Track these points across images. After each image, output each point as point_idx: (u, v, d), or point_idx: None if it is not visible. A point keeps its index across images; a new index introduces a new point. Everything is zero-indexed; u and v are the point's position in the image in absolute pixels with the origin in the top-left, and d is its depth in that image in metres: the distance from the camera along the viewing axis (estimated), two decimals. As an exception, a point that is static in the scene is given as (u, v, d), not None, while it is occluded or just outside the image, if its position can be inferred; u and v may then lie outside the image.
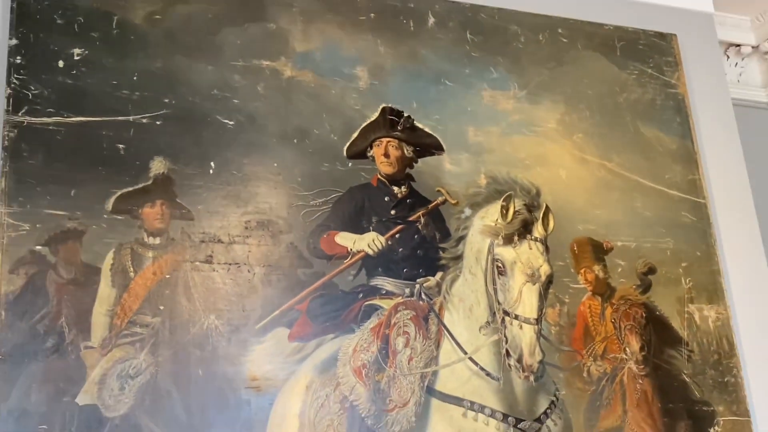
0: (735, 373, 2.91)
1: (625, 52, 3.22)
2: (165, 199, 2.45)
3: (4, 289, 2.20)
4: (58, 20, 2.50)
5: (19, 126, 2.35)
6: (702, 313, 2.95)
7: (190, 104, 2.56)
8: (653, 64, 3.26)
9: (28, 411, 2.13)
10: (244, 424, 2.31)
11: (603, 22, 3.23)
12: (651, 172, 3.08)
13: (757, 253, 3.16)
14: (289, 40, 2.75)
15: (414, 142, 2.78)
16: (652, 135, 3.14)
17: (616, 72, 3.18)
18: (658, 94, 3.22)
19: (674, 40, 3.33)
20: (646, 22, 3.33)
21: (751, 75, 3.79)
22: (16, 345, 2.17)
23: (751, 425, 2.86)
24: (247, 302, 2.43)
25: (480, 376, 2.56)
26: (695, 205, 3.09)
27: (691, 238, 3.04)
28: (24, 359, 2.17)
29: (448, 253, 2.68)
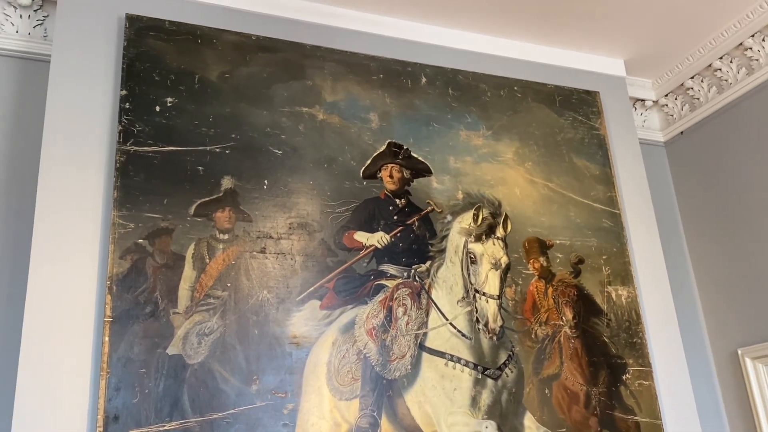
0: (641, 335, 2.89)
1: (562, 104, 3.20)
2: (232, 207, 2.43)
3: (115, 270, 2.19)
4: (156, 77, 2.49)
5: (127, 153, 2.34)
6: (617, 292, 2.93)
7: (250, 138, 2.55)
8: (582, 113, 3.24)
9: (131, 359, 2.12)
10: (287, 369, 2.29)
11: (546, 82, 3.21)
12: (581, 190, 3.05)
13: (656, 250, 3.14)
14: (321, 93, 2.74)
15: (411, 167, 2.76)
16: (581, 164, 3.12)
17: (555, 118, 3.16)
18: (586, 135, 3.20)
19: (597, 96, 3.31)
20: (577, 83, 3.31)
21: (652, 121, 3.76)
22: (123, 311, 2.16)
23: (652, 373, 2.84)
24: (290, 281, 2.41)
25: (457, 337, 2.54)
26: (612, 215, 3.07)
27: (610, 238, 3.01)
28: (129, 321, 2.15)
29: (435, 247, 2.66)
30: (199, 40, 2.60)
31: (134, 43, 2.49)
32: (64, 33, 2.45)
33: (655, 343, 2.91)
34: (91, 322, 2.14)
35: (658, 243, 3.15)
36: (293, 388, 2.27)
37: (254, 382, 2.23)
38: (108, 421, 2.03)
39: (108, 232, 2.23)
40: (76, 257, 2.20)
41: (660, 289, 3.05)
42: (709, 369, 3.28)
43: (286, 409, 2.24)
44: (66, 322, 2.12)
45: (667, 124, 3.74)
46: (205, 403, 2.15)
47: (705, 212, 3.44)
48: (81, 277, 2.18)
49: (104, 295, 2.15)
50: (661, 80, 3.64)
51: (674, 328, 3.00)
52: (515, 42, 3.24)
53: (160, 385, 2.11)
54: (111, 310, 2.13)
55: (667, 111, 3.71)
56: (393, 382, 2.40)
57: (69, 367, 2.09)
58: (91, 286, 2.18)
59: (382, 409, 2.36)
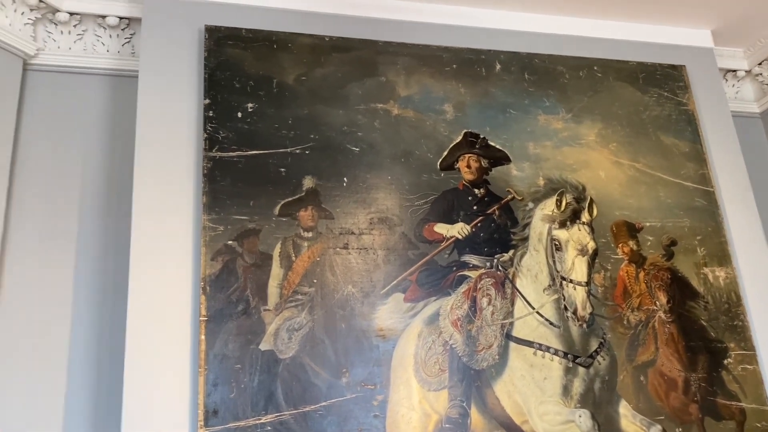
0: (742, 318, 2.75)
1: (646, 81, 3.09)
2: (314, 205, 2.50)
3: (208, 271, 2.30)
4: (236, 84, 2.59)
5: (213, 159, 2.45)
6: (714, 273, 2.80)
7: (328, 138, 2.60)
8: (668, 88, 3.11)
9: (227, 355, 2.22)
10: (375, 361, 2.34)
11: (628, 60, 3.11)
12: (670, 169, 2.94)
13: (755, 227, 2.98)
14: (395, 88, 2.76)
15: (488, 156, 2.74)
16: (669, 142, 3.00)
17: (640, 96, 3.05)
18: (673, 111, 3.07)
19: (684, 70, 3.17)
20: (661, 57, 3.18)
21: (746, 92, 3.56)
22: (217, 310, 2.27)
23: (756, 356, 2.70)
24: (373, 275, 2.46)
25: (545, 325, 2.51)
26: (705, 193, 2.93)
27: (703, 218, 2.88)
28: (223, 319, 2.26)
29: (517, 235, 2.64)
30: (275, 46, 2.68)
31: (214, 53, 2.60)
32: (149, 48, 2.59)
33: (758, 326, 2.76)
34: (188, 322, 2.26)
35: (758, 219, 2.99)
36: (382, 380, 2.32)
37: (344, 375, 2.29)
38: (208, 416, 2.14)
39: (199, 235, 2.35)
40: (172, 260, 2.33)
41: (761, 268, 2.89)
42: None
43: (375, 400, 2.29)
44: (165, 322, 2.25)
45: (762, 94, 3.53)
46: (299, 396, 2.22)
47: (810, 185, 3.22)
48: (177, 278, 2.30)
49: (199, 296, 2.27)
50: (753, 48, 3.44)
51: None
52: (593, 20, 3.15)
53: (254, 379, 2.21)
54: (206, 310, 2.25)
55: (762, 80, 3.50)
56: (481, 372, 2.40)
57: (170, 364, 2.21)
58: (186, 287, 2.30)
59: (471, 400, 2.36)
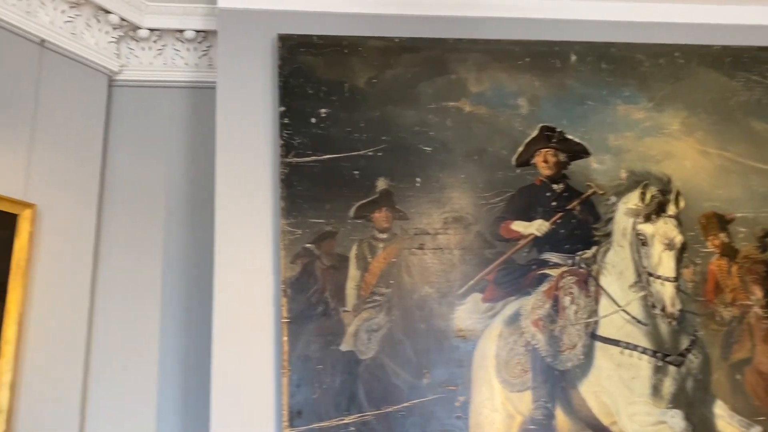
0: None
1: (732, 65, 2.92)
2: (388, 207, 2.51)
3: (288, 274, 2.35)
4: (309, 91, 2.63)
5: (290, 165, 2.50)
6: (815, 265, 2.63)
7: (400, 139, 2.61)
8: (757, 71, 2.93)
9: (309, 356, 2.26)
10: (456, 362, 2.32)
11: (711, 44, 2.95)
12: (762, 157, 2.76)
13: None
14: (467, 85, 2.73)
15: (566, 150, 2.67)
16: (761, 127, 2.83)
17: (726, 81, 2.89)
18: (764, 95, 2.89)
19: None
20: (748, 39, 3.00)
21: None
22: (298, 312, 2.31)
23: None
24: (450, 276, 2.44)
25: (632, 323, 2.42)
26: (803, 180, 2.76)
27: (802, 207, 2.71)
28: (304, 321, 2.30)
29: (599, 231, 2.55)
30: (345, 50, 2.71)
31: (287, 60, 2.66)
32: (225, 60, 2.67)
33: None
34: (270, 324, 2.32)
35: None
36: (463, 381, 2.29)
37: (425, 376, 2.28)
38: (292, 416, 2.18)
39: (279, 239, 2.40)
40: (253, 264, 2.39)
41: None
42: None
43: (458, 401, 2.27)
44: (249, 325, 2.32)
45: None
46: (380, 396, 2.23)
47: None
48: (259, 282, 2.37)
49: (280, 298, 2.32)
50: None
51: None
52: (671, 5, 3.01)
53: (336, 380, 2.24)
54: (287, 312, 2.29)
55: None
56: (565, 372, 2.34)
57: (255, 365, 2.28)
58: (268, 290, 2.36)
59: (556, 401, 2.30)
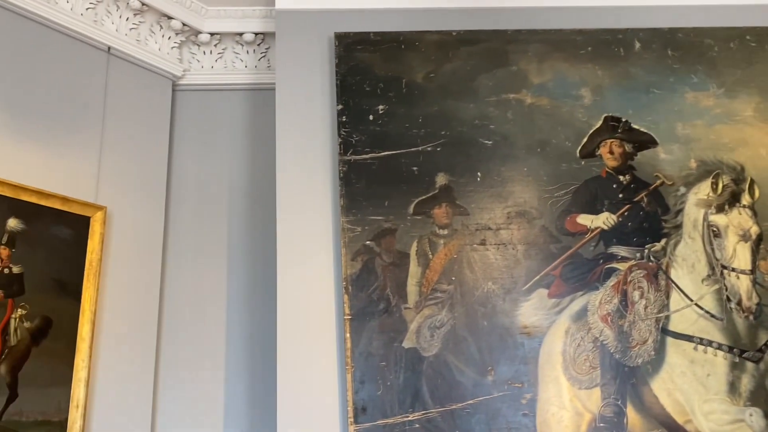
0: None
1: (810, 45, 2.78)
2: (448, 202, 2.48)
3: (349, 271, 2.35)
4: (366, 88, 2.63)
5: (348, 162, 2.50)
6: None
7: (459, 133, 2.58)
8: (839, 51, 2.77)
9: (371, 353, 2.26)
10: (521, 359, 2.28)
11: (787, 24, 2.81)
12: None
13: None
14: (527, 77, 2.68)
15: (632, 140, 2.58)
16: (843, 111, 2.67)
17: (803, 63, 2.75)
18: None
19: None
20: (828, 17, 2.85)
21: None
22: (359, 308, 2.31)
23: None
24: (514, 271, 2.39)
25: (706, 318, 2.32)
26: None
27: None
28: (366, 318, 2.30)
29: (669, 223, 2.46)
30: (402, 46, 2.70)
31: (344, 59, 2.66)
32: (284, 60, 2.70)
33: None
34: (332, 321, 2.33)
35: None
36: (529, 378, 2.25)
37: (489, 373, 2.25)
38: (357, 413, 2.18)
39: (339, 236, 2.41)
40: (315, 261, 2.41)
41: None
42: None
43: (524, 399, 2.22)
44: (312, 322, 2.34)
45: None
46: (444, 393, 2.21)
47: None
48: (320, 279, 2.39)
49: (342, 295, 2.32)
50: None
51: None
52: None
53: (400, 377, 2.23)
54: (349, 308, 2.30)
55: None
56: (636, 369, 2.26)
57: (319, 362, 2.29)
58: (330, 287, 2.37)
59: (626, 398, 2.23)
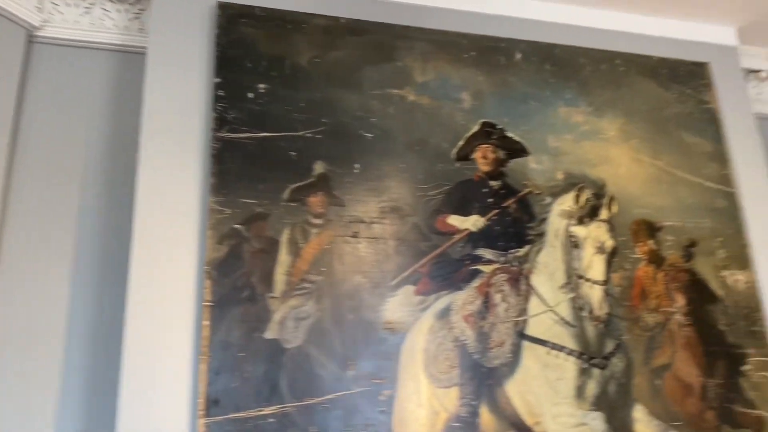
0: (761, 323, 2.67)
1: (668, 77, 3.01)
2: (324, 191, 2.42)
3: (214, 255, 2.22)
4: (248, 64, 2.50)
5: (222, 140, 2.37)
6: (734, 277, 2.71)
7: (341, 123, 2.52)
8: (691, 86, 3.02)
9: (231, 343, 2.14)
10: (383, 355, 2.26)
11: (650, 54, 3.02)
12: (692, 168, 2.85)
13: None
14: (412, 74, 2.67)
15: (506, 147, 2.65)
16: (691, 140, 2.92)
17: (662, 92, 2.97)
18: (695, 109, 2.99)
19: (707, 68, 3.08)
20: (684, 54, 3.10)
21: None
22: (222, 295, 2.18)
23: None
24: (383, 266, 2.38)
25: (560, 324, 2.43)
26: (727, 194, 2.85)
27: (724, 220, 2.80)
28: (228, 305, 2.18)
29: (534, 230, 2.55)
30: (289, 26, 2.60)
31: (226, 30, 2.52)
32: (160, 24, 2.50)
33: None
34: (191, 307, 2.18)
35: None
36: (390, 375, 2.24)
37: (350, 368, 2.21)
38: (209, 405, 2.06)
39: (206, 217, 2.27)
40: (176, 243, 2.24)
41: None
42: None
43: (383, 395, 2.21)
44: (167, 307, 2.17)
45: (785, 96, 3.44)
46: (303, 387, 2.14)
47: (833, 190, 3.13)
48: (181, 262, 2.22)
49: (203, 280, 2.18)
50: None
51: (799, 316, 2.75)
52: (616, 13, 3.06)
53: (259, 369, 2.13)
54: (211, 295, 2.16)
55: (786, 82, 3.41)
56: (493, 370, 2.32)
57: (171, 350, 2.13)
58: (190, 271, 2.21)
59: (482, 398, 2.28)
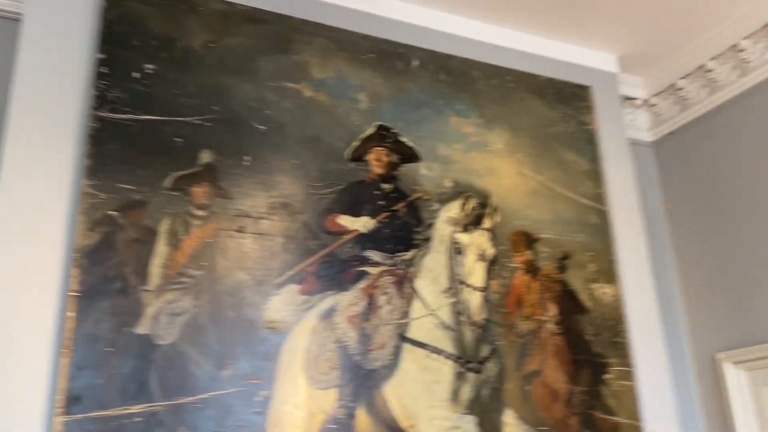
0: (624, 335, 2.85)
1: (554, 97, 3.15)
2: (210, 182, 2.32)
3: (83, 242, 2.06)
4: (136, 42, 2.37)
5: (102, 120, 2.22)
6: (602, 290, 2.88)
7: (233, 112, 2.44)
8: (573, 107, 3.19)
9: (98, 336, 2.00)
10: (263, 355, 2.20)
11: (539, 74, 3.15)
12: (569, 185, 3.00)
13: (641, 249, 3.10)
14: (309, 69, 2.63)
15: (399, 152, 2.67)
16: (571, 158, 3.07)
17: (547, 111, 3.10)
18: (576, 129, 3.15)
19: (589, 91, 3.26)
20: (570, 76, 3.26)
21: (641, 120, 3.72)
22: (91, 285, 2.04)
23: (633, 373, 2.80)
24: (268, 263, 2.32)
25: (440, 328, 2.47)
26: (599, 212, 3.03)
27: (596, 235, 2.97)
28: (97, 296, 2.04)
29: (421, 235, 2.59)
30: (183, 6, 2.48)
31: (115, 4, 2.37)
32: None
33: (637, 343, 2.87)
34: (54, 296, 2.01)
35: (644, 242, 3.12)
36: (268, 375, 2.18)
37: (227, 367, 2.13)
38: (70, 402, 1.91)
39: (77, 201, 2.11)
40: (43, 226, 2.06)
41: (644, 289, 3.01)
42: (688, 372, 3.25)
43: (259, 396, 2.14)
44: (28, 295, 1.99)
45: (655, 124, 3.70)
46: (174, 386, 2.04)
47: (691, 215, 3.41)
48: (46, 247, 2.05)
49: (70, 268, 2.02)
50: (653, 79, 3.61)
51: (656, 329, 2.97)
52: (510, 31, 3.17)
53: (127, 365, 2.00)
54: (79, 284, 2.01)
55: (657, 111, 3.68)
56: (373, 372, 2.32)
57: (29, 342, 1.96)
58: (57, 258, 2.05)
59: (359, 400, 2.27)
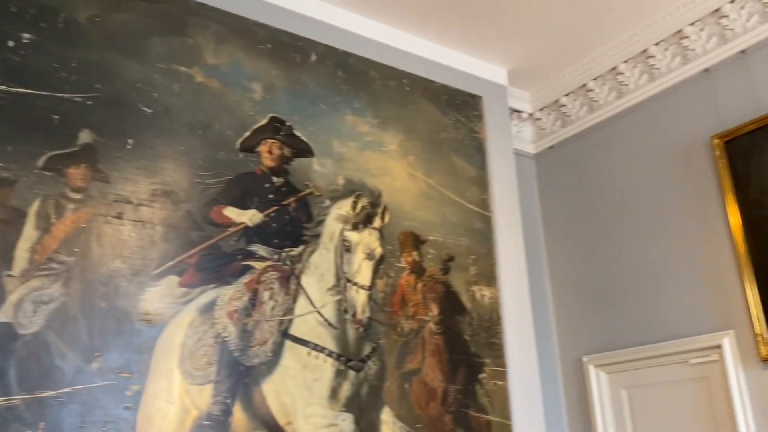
0: (499, 336, 2.97)
1: (447, 103, 3.23)
2: (88, 164, 2.19)
3: (-63, 220, 1.88)
4: (12, 8, 2.19)
5: (-33, 88, 2.03)
6: (481, 292, 2.99)
7: (117, 92, 2.31)
8: (465, 115, 3.28)
9: (-52, 324, 1.83)
10: (135, 347, 2.10)
11: (434, 80, 3.22)
12: (457, 190, 3.09)
13: (519, 255, 3.24)
14: (203, 54, 2.55)
15: (292, 145, 2.64)
16: (460, 164, 3.16)
17: (440, 116, 3.18)
18: (467, 137, 3.25)
19: (480, 101, 3.38)
20: (463, 85, 3.36)
21: (525, 133, 3.90)
22: (-57, 268, 1.86)
23: (506, 373, 2.92)
24: (147, 253, 2.21)
25: (324, 326, 2.46)
26: (484, 217, 3.13)
27: (479, 239, 3.07)
28: (-50, 280, 1.86)
29: (310, 231, 2.57)
30: (68, -26, 2.32)
31: (-12, -37, 2.17)
32: None
33: (511, 345, 3.00)
34: None
35: (522, 248, 3.26)
36: (140, 369, 2.08)
37: (96, 360, 2.01)
38: None
39: (-67, 175, 1.92)
40: None
41: (519, 294, 3.15)
42: (556, 373, 3.44)
43: (130, 390, 2.04)
44: None
45: (538, 137, 3.89)
46: (36, 379, 1.90)
47: (564, 225, 3.61)
48: None
49: None
50: (539, 94, 3.79)
51: (529, 332, 3.11)
52: (410, 35, 3.22)
53: (-19, 356, 1.84)
54: (-72, 266, 1.83)
55: (540, 125, 3.86)
56: (251, 368, 2.27)
57: None
58: None
59: (236, 397, 2.22)
